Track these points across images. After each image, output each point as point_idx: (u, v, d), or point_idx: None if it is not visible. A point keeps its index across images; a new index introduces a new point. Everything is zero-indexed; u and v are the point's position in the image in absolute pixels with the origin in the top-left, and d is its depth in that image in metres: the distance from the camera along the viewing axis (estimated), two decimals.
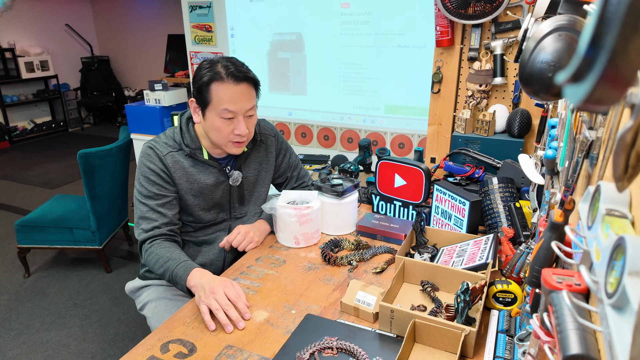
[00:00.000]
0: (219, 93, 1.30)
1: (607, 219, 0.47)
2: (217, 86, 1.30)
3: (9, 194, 4.44)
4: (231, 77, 1.29)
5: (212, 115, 1.33)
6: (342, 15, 2.70)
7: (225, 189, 1.47)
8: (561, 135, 0.93)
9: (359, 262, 1.40)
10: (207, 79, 1.30)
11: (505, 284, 1.09)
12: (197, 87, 1.33)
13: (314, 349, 1.00)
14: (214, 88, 1.30)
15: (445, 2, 1.75)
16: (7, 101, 6.19)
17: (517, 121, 1.75)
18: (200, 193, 1.43)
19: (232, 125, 1.34)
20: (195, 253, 1.52)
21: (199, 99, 1.34)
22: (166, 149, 1.39)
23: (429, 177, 1.55)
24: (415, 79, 2.61)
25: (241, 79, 1.31)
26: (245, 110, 1.35)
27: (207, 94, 1.31)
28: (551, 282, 0.54)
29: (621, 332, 0.38)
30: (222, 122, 1.33)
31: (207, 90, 1.31)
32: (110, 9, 7.15)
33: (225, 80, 1.29)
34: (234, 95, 1.31)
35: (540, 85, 0.80)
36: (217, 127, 1.34)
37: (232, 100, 1.31)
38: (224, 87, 1.30)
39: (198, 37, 3.12)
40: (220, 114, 1.32)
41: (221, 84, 1.29)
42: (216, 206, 1.49)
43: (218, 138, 1.37)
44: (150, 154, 1.38)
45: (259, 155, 1.54)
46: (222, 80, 1.29)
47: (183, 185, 1.40)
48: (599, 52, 0.26)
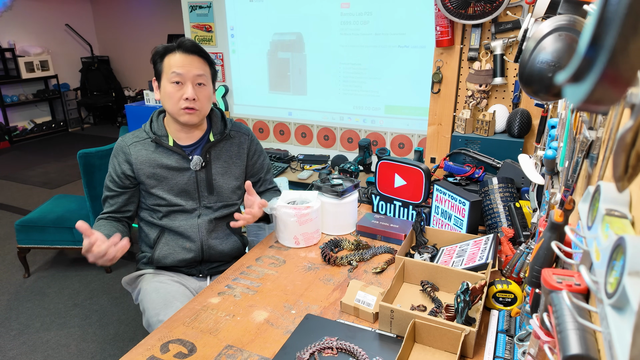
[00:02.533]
0: (170, 61, 1.43)
1: (607, 219, 0.47)
2: (169, 56, 1.43)
3: (9, 194, 4.44)
4: (182, 48, 1.43)
5: (164, 83, 1.44)
6: (342, 15, 2.70)
7: (191, 175, 1.52)
8: (561, 135, 0.93)
9: (359, 262, 1.40)
10: (161, 50, 1.45)
11: (505, 284, 1.09)
12: (153, 61, 1.46)
13: (314, 349, 1.00)
14: (166, 60, 1.43)
15: (445, 2, 1.75)
16: (7, 101, 6.19)
17: (517, 121, 1.75)
18: (163, 177, 1.50)
19: (182, 91, 1.43)
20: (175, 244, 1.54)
21: (156, 74, 1.48)
22: (132, 139, 1.52)
23: (429, 177, 1.55)
24: (415, 79, 2.61)
25: (192, 50, 1.43)
26: (193, 75, 1.43)
27: (160, 65, 1.45)
28: (551, 282, 0.54)
29: (621, 332, 0.38)
30: (172, 87, 1.43)
31: (161, 63, 1.44)
32: (110, 9, 7.15)
33: (176, 51, 1.43)
34: (184, 61, 1.42)
35: (540, 85, 0.80)
36: (168, 93, 1.44)
37: (181, 65, 1.42)
38: (175, 56, 1.43)
39: (198, 37, 3.12)
40: (170, 79, 1.42)
41: (173, 54, 1.43)
42: (183, 192, 1.53)
43: (170, 105, 1.45)
44: (116, 147, 1.52)
45: (230, 150, 1.60)
46: (174, 51, 1.43)
47: (145, 170, 1.49)
48: (599, 52, 0.26)
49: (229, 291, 1.27)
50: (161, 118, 1.56)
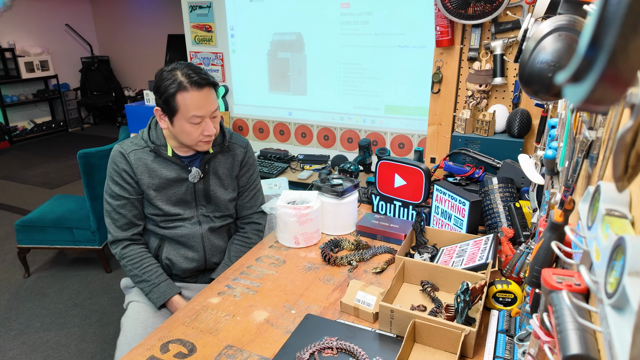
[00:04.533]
0: (185, 101, 1.36)
1: (607, 219, 0.47)
2: (183, 95, 1.36)
3: (9, 194, 4.44)
4: (195, 85, 1.36)
5: (181, 122, 1.39)
6: (342, 16, 2.70)
7: (189, 185, 1.51)
8: (561, 135, 0.93)
9: (359, 262, 1.40)
10: (173, 90, 1.36)
11: (505, 284, 1.09)
12: (162, 98, 1.39)
13: (314, 349, 1.00)
14: (179, 98, 1.36)
15: (445, 2, 1.75)
16: (7, 101, 6.19)
17: (517, 121, 1.75)
18: (162, 187, 1.48)
19: (201, 128, 1.41)
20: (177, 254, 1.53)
21: (165, 109, 1.40)
22: (131, 147, 1.47)
23: (429, 177, 1.55)
24: (415, 79, 2.61)
25: (204, 85, 1.38)
26: (210, 112, 1.42)
27: (174, 104, 1.37)
28: (551, 282, 0.54)
29: (621, 332, 0.38)
30: (192, 126, 1.40)
31: (174, 101, 1.37)
32: (110, 9, 7.15)
33: (190, 89, 1.36)
34: (200, 101, 1.37)
35: (540, 85, 0.80)
36: (187, 132, 1.41)
37: (199, 106, 1.38)
38: (189, 95, 1.36)
39: (198, 37, 3.12)
40: (190, 120, 1.38)
41: (186, 92, 1.36)
42: (181, 202, 1.51)
43: (188, 140, 1.43)
44: (115, 155, 1.46)
45: (226, 162, 1.57)
46: (187, 89, 1.36)
47: (145, 180, 1.46)
48: (599, 52, 0.26)
49: (229, 291, 1.27)
50: (159, 128, 1.50)
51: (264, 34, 2.96)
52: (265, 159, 2.89)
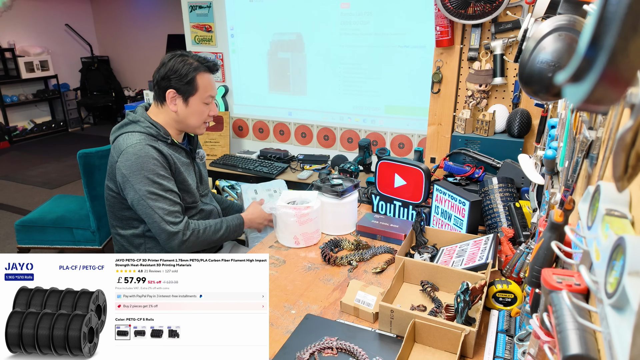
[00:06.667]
0: (204, 82, 1.52)
1: (607, 219, 0.47)
2: (202, 76, 1.51)
3: (9, 194, 4.44)
4: (210, 68, 1.54)
5: (197, 102, 1.52)
6: (342, 16, 2.70)
7: (192, 169, 1.63)
8: (561, 135, 0.92)
9: (359, 262, 1.40)
10: (193, 69, 1.49)
11: (505, 284, 1.09)
12: (184, 79, 1.49)
13: (314, 349, 1.00)
14: (199, 78, 1.50)
15: (445, 2, 1.75)
16: (7, 101, 6.19)
17: (517, 121, 1.75)
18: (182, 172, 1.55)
19: (209, 109, 1.57)
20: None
21: (183, 90, 1.50)
22: (154, 142, 1.48)
23: (429, 177, 1.55)
24: (415, 79, 2.61)
25: (215, 70, 1.57)
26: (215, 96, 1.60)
27: (194, 84, 1.50)
28: (551, 282, 0.54)
29: (621, 332, 0.38)
30: (204, 106, 1.55)
31: (194, 81, 1.50)
32: (110, 9, 7.15)
33: (207, 71, 1.53)
34: (212, 82, 1.56)
35: (540, 85, 0.80)
36: (199, 112, 1.54)
37: (213, 87, 1.56)
38: (206, 76, 1.53)
39: (198, 37, 3.12)
40: (205, 100, 1.54)
41: (205, 74, 1.52)
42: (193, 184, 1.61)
43: (196, 121, 1.56)
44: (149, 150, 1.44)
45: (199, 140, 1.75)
46: (205, 71, 1.52)
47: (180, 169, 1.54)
48: (599, 52, 0.26)
49: None
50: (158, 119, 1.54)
51: (264, 34, 2.96)
52: (265, 159, 2.89)
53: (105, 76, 7.09)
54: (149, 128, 1.48)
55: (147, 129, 1.48)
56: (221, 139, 3.05)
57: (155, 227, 1.45)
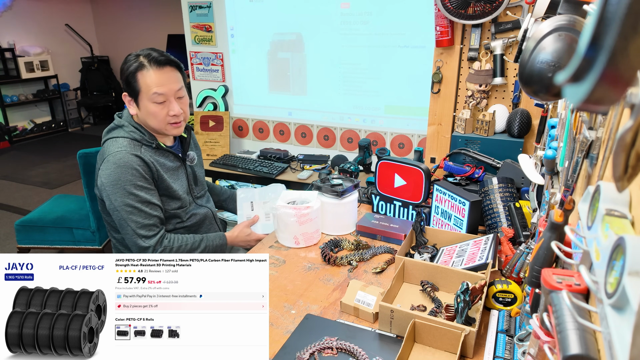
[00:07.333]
0: (146, 80, 1.39)
1: (607, 219, 0.47)
2: (143, 74, 1.39)
3: (9, 194, 4.44)
4: (154, 62, 1.39)
5: (145, 103, 1.41)
6: (342, 16, 2.70)
7: (183, 172, 1.57)
8: (561, 135, 0.92)
9: (359, 262, 1.40)
10: (133, 69, 1.39)
11: (505, 284, 1.09)
12: (125, 79, 1.42)
13: (313, 349, 1.00)
14: (140, 77, 1.39)
15: (445, 2, 1.75)
16: (7, 101, 6.19)
17: (517, 121, 1.75)
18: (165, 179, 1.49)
19: (166, 108, 1.43)
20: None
21: (129, 91, 1.43)
22: (137, 148, 1.43)
23: (429, 177, 1.55)
24: (415, 79, 2.61)
25: (163, 63, 1.40)
26: (174, 92, 1.43)
27: (135, 84, 1.40)
28: (551, 282, 0.54)
29: (621, 332, 0.38)
30: (156, 106, 1.41)
31: (135, 80, 1.40)
32: (110, 9, 7.15)
33: (149, 67, 1.39)
34: (160, 79, 1.40)
35: (540, 85, 0.80)
36: (152, 113, 1.42)
37: (160, 84, 1.40)
38: (149, 73, 1.39)
39: (198, 37, 3.12)
40: (152, 99, 1.40)
41: (146, 71, 1.39)
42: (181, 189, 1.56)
43: (156, 123, 1.44)
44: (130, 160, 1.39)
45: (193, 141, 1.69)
46: (146, 67, 1.39)
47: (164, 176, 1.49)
48: (599, 52, 0.26)
49: None
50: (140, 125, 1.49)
51: (264, 34, 2.96)
52: (265, 159, 2.89)
53: (105, 76, 7.09)
54: (133, 133, 1.45)
55: (131, 133, 1.45)
56: (221, 139, 3.05)
57: (127, 239, 1.44)
